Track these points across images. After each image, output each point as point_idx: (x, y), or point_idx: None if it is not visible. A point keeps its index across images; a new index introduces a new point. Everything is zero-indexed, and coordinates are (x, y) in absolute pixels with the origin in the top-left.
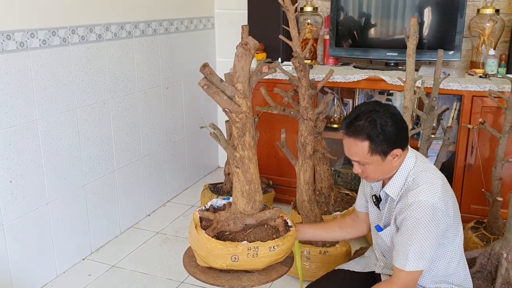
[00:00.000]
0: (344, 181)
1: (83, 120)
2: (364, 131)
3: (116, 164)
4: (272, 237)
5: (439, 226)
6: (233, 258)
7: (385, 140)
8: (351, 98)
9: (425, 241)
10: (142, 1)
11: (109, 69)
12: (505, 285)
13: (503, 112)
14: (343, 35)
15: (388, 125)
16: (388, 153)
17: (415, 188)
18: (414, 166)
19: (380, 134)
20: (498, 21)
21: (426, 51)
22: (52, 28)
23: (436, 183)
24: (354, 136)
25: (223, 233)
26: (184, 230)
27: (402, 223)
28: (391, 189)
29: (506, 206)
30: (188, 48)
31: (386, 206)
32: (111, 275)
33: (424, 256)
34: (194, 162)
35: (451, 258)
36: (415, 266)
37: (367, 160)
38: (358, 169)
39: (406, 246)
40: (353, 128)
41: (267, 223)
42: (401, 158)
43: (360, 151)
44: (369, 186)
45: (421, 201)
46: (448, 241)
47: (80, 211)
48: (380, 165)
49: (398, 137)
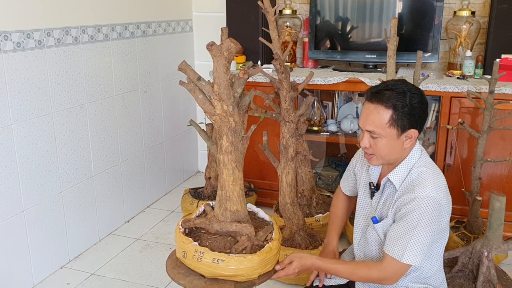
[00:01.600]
0: (325, 183)
1: (59, 124)
2: (391, 100)
3: (93, 170)
4: (225, 251)
5: (440, 222)
6: (183, 253)
7: (409, 114)
8: (331, 101)
9: (425, 236)
10: (119, 4)
11: (86, 73)
12: (486, 283)
13: (481, 113)
14: (322, 37)
15: (416, 100)
16: (406, 130)
17: (422, 183)
18: (419, 159)
19: (406, 107)
20: (474, 23)
21: (404, 53)
22: (26, 31)
23: (441, 180)
24: (379, 102)
25: (200, 229)
26: (165, 236)
27: (404, 215)
28: (396, 176)
29: (485, 205)
30: (166, 51)
31: (383, 197)
32: (91, 283)
33: (421, 252)
34: (174, 167)
35: (436, 259)
36: (411, 260)
37: (383, 131)
38: (367, 142)
39: (406, 238)
40: (381, 95)
41: (234, 236)
42: (411, 144)
43: (379, 119)
44: (367, 172)
45: (428, 196)
46: (439, 243)
47: (57, 218)
48: (392, 141)
49: (420, 117)
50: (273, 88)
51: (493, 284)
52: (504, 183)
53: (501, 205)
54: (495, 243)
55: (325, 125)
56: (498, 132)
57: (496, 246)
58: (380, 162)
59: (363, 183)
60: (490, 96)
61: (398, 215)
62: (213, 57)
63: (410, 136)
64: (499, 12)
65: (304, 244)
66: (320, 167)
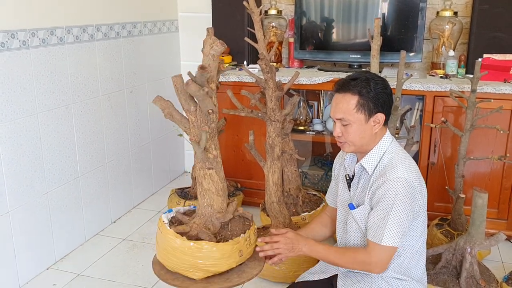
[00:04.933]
0: (311, 182)
1: (44, 125)
2: (356, 87)
3: (79, 170)
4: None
5: (414, 203)
6: (240, 253)
7: (374, 98)
8: (316, 100)
9: (401, 216)
10: (104, 4)
11: (71, 73)
12: (469, 279)
13: (464, 111)
14: (307, 38)
15: (379, 86)
16: (373, 114)
17: (393, 167)
18: (391, 145)
19: (371, 92)
20: (456, 23)
21: (388, 53)
22: (11, 31)
23: (412, 164)
24: (346, 91)
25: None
26: (151, 236)
27: (379, 200)
28: (368, 162)
29: (468, 202)
30: (152, 51)
31: (359, 185)
32: (77, 284)
33: (400, 232)
34: (160, 167)
35: (416, 250)
36: (391, 241)
37: (351, 117)
38: (339, 131)
39: (383, 221)
40: (347, 84)
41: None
42: (381, 130)
43: (347, 105)
44: (343, 167)
45: (399, 177)
46: (417, 232)
47: (43, 219)
48: (361, 126)
49: (385, 102)
50: (259, 88)
51: (476, 280)
52: (486, 181)
53: (483, 202)
54: (478, 240)
55: (310, 125)
56: (480, 131)
57: (479, 243)
58: (352, 149)
59: (341, 178)
60: (472, 95)
61: (373, 200)
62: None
63: (378, 121)
64: (481, 13)
65: None
66: (306, 166)
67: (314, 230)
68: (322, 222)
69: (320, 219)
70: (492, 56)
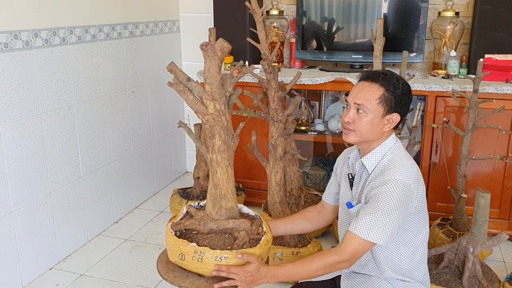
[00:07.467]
0: (313, 182)
1: (47, 125)
2: (385, 81)
3: (82, 171)
4: (226, 248)
5: (408, 206)
6: (180, 256)
7: (398, 97)
8: (318, 101)
9: (391, 215)
10: (106, 4)
11: (74, 73)
12: (472, 278)
13: (466, 111)
14: (308, 38)
15: (406, 88)
16: (391, 112)
17: (392, 168)
18: (393, 146)
19: (397, 90)
20: (458, 23)
21: (390, 53)
22: (14, 31)
23: (412, 167)
24: (374, 81)
25: (191, 231)
26: (154, 237)
27: (372, 197)
28: (369, 160)
29: (470, 202)
30: (153, 52)
31: (360, 184)
32: (80, 284)
33: (388, 232)
34: (162, 167)
35: (415, 250)
36: (376, 238)
37: (371, 106)
38: (352, 116)
39: (371, 215)
40: (376, 75)
41: (231, 233)
42: (390, 131)
43: (371, 94)
44: (346, 165)
45: (396, 179)
46: (414, 229)
47: (46, 219)
48: (375, 119)
49: (405, 105)
50: (261, 88)
51: (479, 280)
52: (488, 181)
53: (486, 202)
54: (480, 240)
55: (312, 125)
56: (482, 131)
57: (481, 242)
58: (356, 140)
59: (344, 177)
60: (474, 95)
61: (367, 198)
62: (206, 57)
63: (392, 121)
64: (482, 13)
65: (293, 242)
66: (307, 166)
67: (295, 223)
68: (307, 216)
69: (306, 212)
70: (493, 57)
